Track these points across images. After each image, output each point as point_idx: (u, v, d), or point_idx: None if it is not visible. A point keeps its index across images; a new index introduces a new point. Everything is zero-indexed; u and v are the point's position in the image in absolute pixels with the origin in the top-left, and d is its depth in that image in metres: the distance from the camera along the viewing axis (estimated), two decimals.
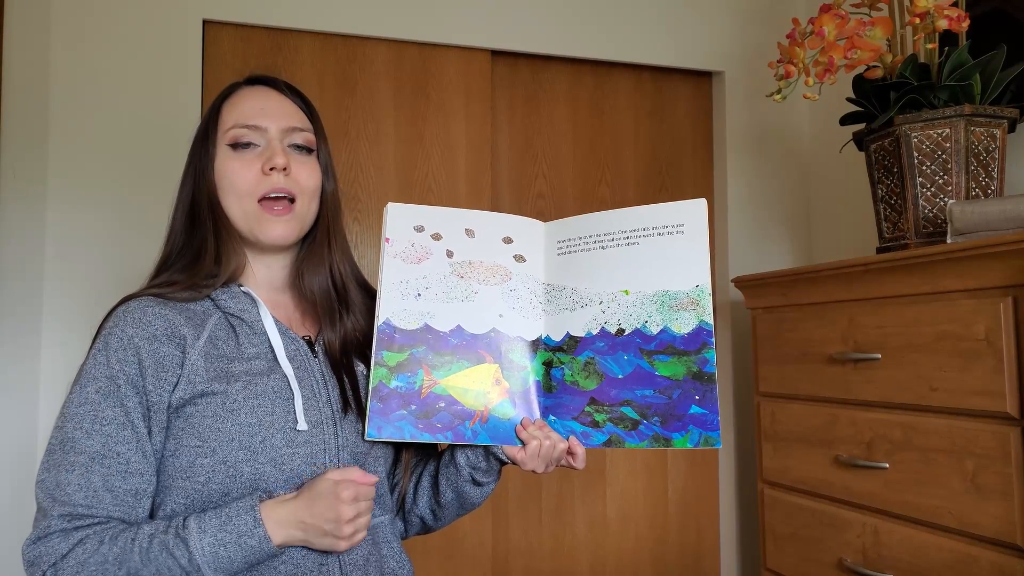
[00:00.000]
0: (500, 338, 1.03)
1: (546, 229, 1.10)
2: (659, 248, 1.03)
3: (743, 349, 2.26)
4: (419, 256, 1.04)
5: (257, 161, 0.99)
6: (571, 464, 1.02)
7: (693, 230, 1.04)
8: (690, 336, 0.99)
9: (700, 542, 2.27)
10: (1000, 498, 1.23)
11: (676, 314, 1.00)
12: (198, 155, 1.02)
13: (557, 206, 2.23)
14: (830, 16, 1.55)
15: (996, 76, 1.51)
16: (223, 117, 1.02)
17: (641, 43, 2.22)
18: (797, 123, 2.36)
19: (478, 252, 1.06)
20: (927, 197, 1.53)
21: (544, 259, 1.08)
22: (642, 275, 1.03)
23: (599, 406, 1.01)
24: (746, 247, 2.29)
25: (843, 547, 1.55)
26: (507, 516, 2.12)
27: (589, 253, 1.06)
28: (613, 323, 1.03)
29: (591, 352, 1.02)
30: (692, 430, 0.97)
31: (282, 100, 1.05)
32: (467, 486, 1.05)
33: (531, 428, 1.00)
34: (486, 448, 1.02)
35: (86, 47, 1.82)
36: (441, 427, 0.99)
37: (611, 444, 1.00)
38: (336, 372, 1.01)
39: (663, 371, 0.99)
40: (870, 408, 1.50)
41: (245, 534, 0.87)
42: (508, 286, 1.06)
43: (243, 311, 0.98)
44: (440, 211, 1.08)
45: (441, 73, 2.10)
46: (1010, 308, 1.23)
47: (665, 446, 0.98)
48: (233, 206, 1.00)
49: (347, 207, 2.02)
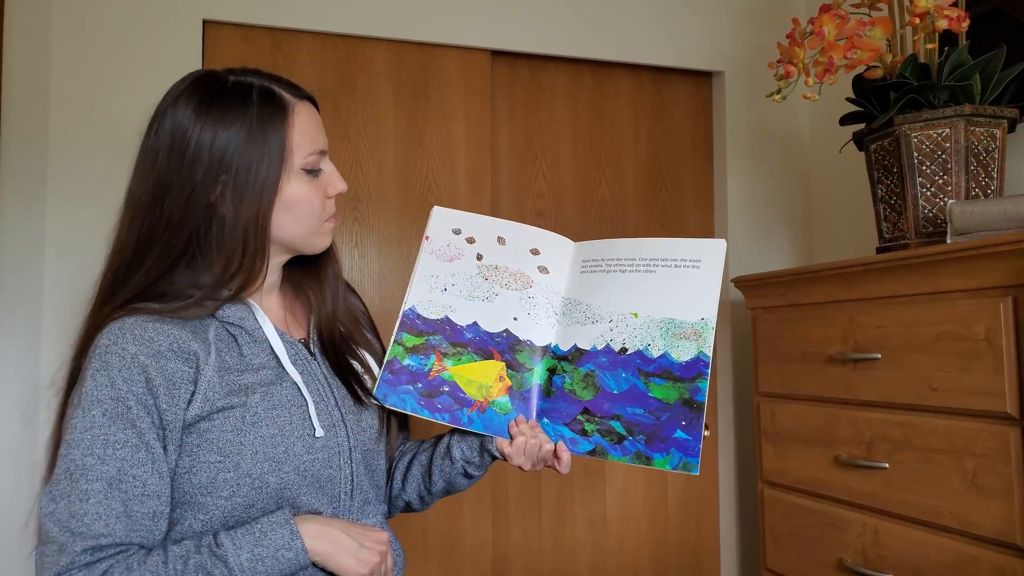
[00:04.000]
0: (511, 339, 1.10)
1: (576, 248, 1.17)
2: (674, 278, 1.08)
3: (743, 349, 2.26)
4: (452, 255, 1.13)
5: (322, 184, 1.00)
6: (556, 467, 1.06)
7: (709, 267, 1.08)
8: (688, 364, 1.04)
9: (700, 542, 2.27)
10: (1000, 498, 1.23)
11: (678, 342, 1.05)
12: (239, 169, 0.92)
13: (557, 206, 2.23)
14: (830, 16, 1.55)
15: (996, 76, 1.51)
16: (295, 139, 0.96)
17: (641, 43, 2.22)
18: (797, 123, 2.36)
19: (505, 258, 1.14)
20: (927, 197, 1.53)
21: (568, 275, 1.15)
22: (653, 301, 1.08)
23: (591, 416, 1.06)
24: (746, 247, 2.29)
25: (843, 547, 1.55)
26: (507, 516, 2.13)
27: (609, 274, 1.12)
28: (618, 341, 1.08)
29: (593, 365, 1.07)
30: (673, 453, 1.02)
31: (320, 117, 1.04)
32: (459, 478, 1.10)
33: (523, 426, 1.06)
34: (481, 444, 1.07)
35: (86, 47, 1.82)
36: (441, 408, 1.05)
37: (595, 454, 1.05)
38: (338, 372, 1.04)
39: (656, 393, 1.04)
40: (870, 408, 1.50)
41: (283, 547, 0.87)
42: (527, 293, 1.12)
43: (242, 319, 0.96)
44: (479, 218, 1.16)
45: (441, 73, 2.10)
46: (1010, 308, 1.23)
47: (645, 464, 1.02)
48: (299, 228, 0.98)
49: (347, 207, 2.02)
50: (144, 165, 0.96)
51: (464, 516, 2.06)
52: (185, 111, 0.94)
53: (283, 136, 0.95)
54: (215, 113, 0.93)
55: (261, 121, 0.94)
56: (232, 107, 0.94)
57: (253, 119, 0.93)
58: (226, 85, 0.96)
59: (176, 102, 0.95)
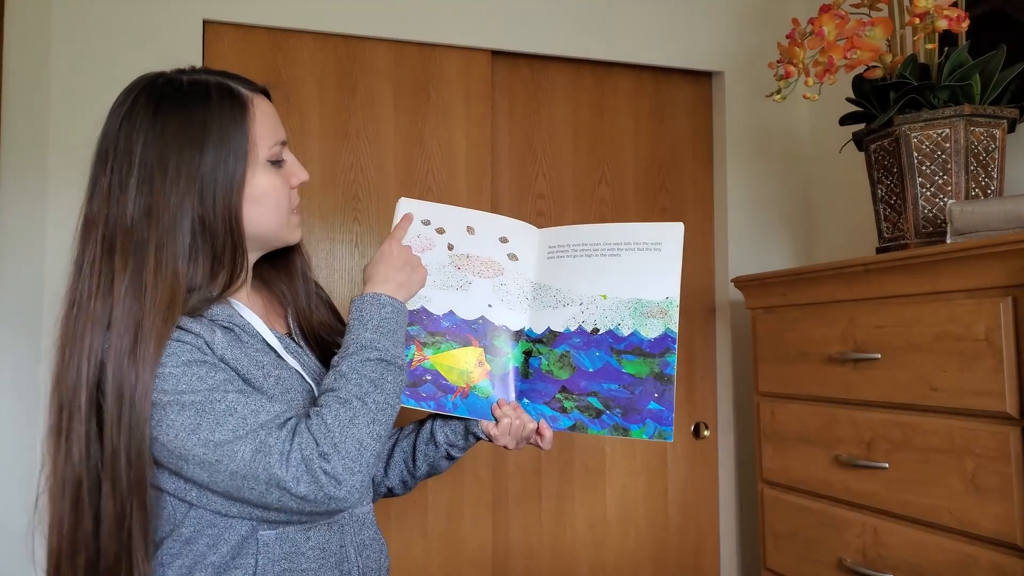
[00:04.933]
0: (487, 325, 1.15)
1: (540, 235, 1.21)
2: (637, 261, 1.15)
3: (743, 349, 2.26)
4: (423, 246, 1.15)
5: (286, 175, 1.02)
6: (538, 444, 1.15)
7: (669, 249, 1.14)
8: (656, 340, 1.12)
9: (700, 542, 2.27)
10: (1000, 498, 1.23)
11: (646, 320, 1.13)
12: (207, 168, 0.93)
13: (557, 206, 2.23)
14: (830, 16, 1.55)
15: (996, 76, 1.51)
16: (257, 132, 0.97)
17: (641, 43, 2.22)
18: (797, 123, 2.36)
19: (476, 247, 1.17)
20: (927, 197, 1.53)
21: (536, 261, 1.20)
22: (620, 283, 1.15)
23: (569, 394, 1.13)
24: (746, 247, 2.29)
25: (843, 547, 1.55)
26: (507, 516, 2.13)
27: (575, 259, 1.18)
28: (590, 322, 1.15)
29: (567, 346, 1.15)
30: (648, 423, 1.10)
31: (275, 109, 1.05)
32: (442, 460, 1.16)
33: (505, 407, 1.12)
34: (465, 427, 1.13)
35: (86, 47, 1.82)
36: (426, 396, 1.10)
37: (576, 429, 1.13)
38: (324, 361, 1.08)
39: (629, 369, 1.12)
40: (870, 408, 1.50)
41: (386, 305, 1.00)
42: (499, 280, 1.17)
43: (231, 317, 0.97)
44: (447, 208, 1.19)
45: (441, 73, 2.10)
46: (1010, 308, 1.23)
47: (623, 435, 1.11)
48: (271, 220, 1.00)
49: (347, 207, 2.02)
50: (116, 191, 0.94)
51: (464, 516, 2.07)
52: (145, 123, 0.93)
53: (246, 131, 0.96)
54: (176, 119, 0.93)
55: (223, 118, 0.95)
56: (193, 109, 0.94)
57: (215, 118, 0.94)
58: (181, 86, 0.96)
59: (133, 111, 0.95)
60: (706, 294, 2.32)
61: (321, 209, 2.01)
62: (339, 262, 2.02)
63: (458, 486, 2.07)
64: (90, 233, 0.95)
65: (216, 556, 0.91)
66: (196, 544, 0.92)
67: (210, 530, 0.91)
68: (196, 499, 0.91)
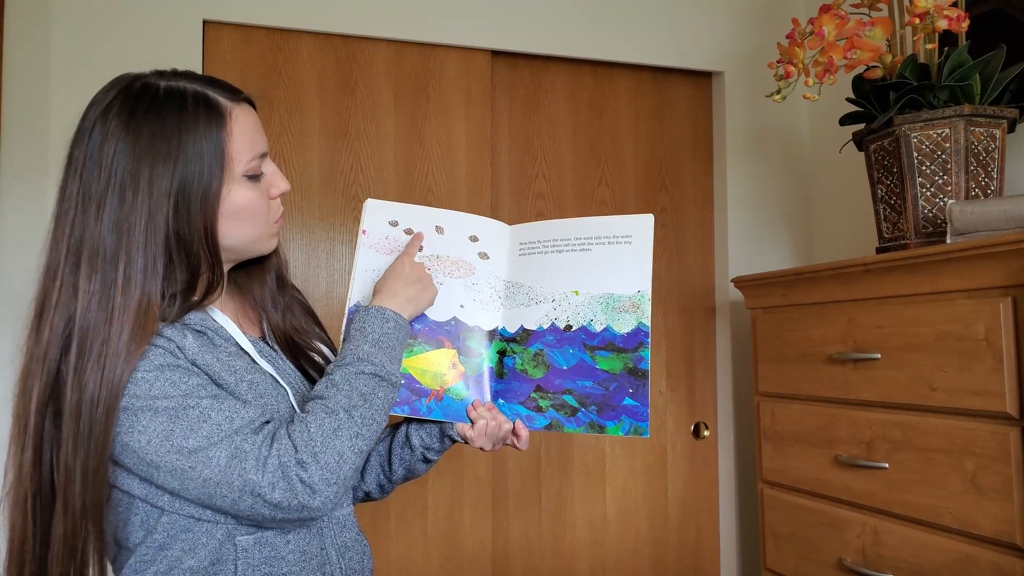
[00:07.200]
0: (460, 326, 1.13)
1: (511, 232, 1.19)
2: (608, 255, 1.14)
3: (743, 349, 2.26)
4: (391, 248, 1.13)
5: (265, 187, 0.98)
6: (515, 444, 1.13)
7: (639, 242, 1.13)
8: (629, 335, 1.10)
9: (700, 542, 2.27)
10: (1000, 498, 1.23)
11: (618, 315, 1.11)
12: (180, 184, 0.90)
13: (557, 206, 2.23)
14: (830, 16, 1.56)
15: (996, 76, 1.51)
16: (233, 147, 0.93)
17: (641, 43, 2.22)
18: (797, 123, 2.36)
19: (446, 247, 1.15)
20: (927, 197, 1.53)
21: (507, 258, 1.18)
22: (591, 278, 1.14)
23: (544, 393, 1.12)
24: (746, 247, 2.29)
25: (843, 547, 1.55)
26: (507, 516, 2.13)
27: (546, 256, 1.16)
28: (563, 319, 1.13)
29: (541, 344, 1.13)
30: (624, 420, 1.08)
31: (258, 118, 1.01)
32: (418, 464, 1.14)
33: (480, 409, 1.10)
34: (441, 430, 1.11)
35: (86, 47, 1.82)
36: (400, 401, 1.08)
37: (551, 428, 1.11)
38: (298, 365, 1.06)
39: (603, 365, 1.10)
40: (870, 408, 1.50)
41: (389, 320, 1.00)
42: (471, 280, 1.15)
43: (202, 321, 0.95)
44: (414, 208, 1.17)
45: (441, 73, 2.11)
46: (1010, 308, 1.23)
47: (599, 432, 1.09)
48: (247, 234, 0.97)
49: (347, 207, 2.02)
50: (85, 199, 0.91)
51: (464, 516, 2.07)
52: (118, 131, 0.91)
53: (222, 145, 0.92)
54: (150, 129, 0.90)
55: (198, 132, 0.91)
56: (168, 119, 0.90)
57: (189, 130, 0.90)
58: (158, 93, 0.93)
59: (107, 115, 0.92)
60: (706, 294, 2.32)
61: (321, 209, 2.01)
62: (339, 262, 2.02)
63: (458, 486, 2.07)
64: (58, 242, 0.92)
65: (194, 561, 0.90)
66: (170, 550, 0.90)
67: (185, 535, 0.90)
68: (168, 505, 0.89)
